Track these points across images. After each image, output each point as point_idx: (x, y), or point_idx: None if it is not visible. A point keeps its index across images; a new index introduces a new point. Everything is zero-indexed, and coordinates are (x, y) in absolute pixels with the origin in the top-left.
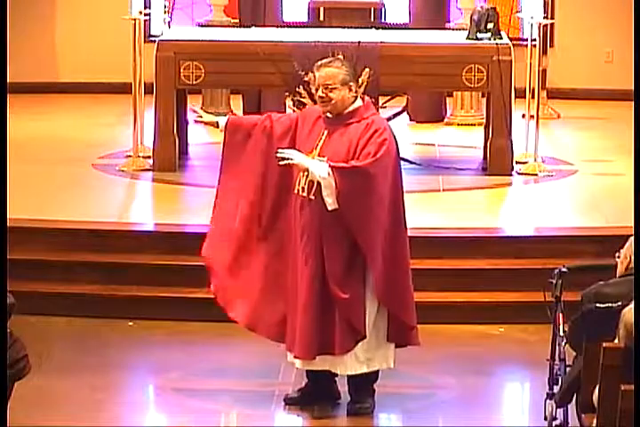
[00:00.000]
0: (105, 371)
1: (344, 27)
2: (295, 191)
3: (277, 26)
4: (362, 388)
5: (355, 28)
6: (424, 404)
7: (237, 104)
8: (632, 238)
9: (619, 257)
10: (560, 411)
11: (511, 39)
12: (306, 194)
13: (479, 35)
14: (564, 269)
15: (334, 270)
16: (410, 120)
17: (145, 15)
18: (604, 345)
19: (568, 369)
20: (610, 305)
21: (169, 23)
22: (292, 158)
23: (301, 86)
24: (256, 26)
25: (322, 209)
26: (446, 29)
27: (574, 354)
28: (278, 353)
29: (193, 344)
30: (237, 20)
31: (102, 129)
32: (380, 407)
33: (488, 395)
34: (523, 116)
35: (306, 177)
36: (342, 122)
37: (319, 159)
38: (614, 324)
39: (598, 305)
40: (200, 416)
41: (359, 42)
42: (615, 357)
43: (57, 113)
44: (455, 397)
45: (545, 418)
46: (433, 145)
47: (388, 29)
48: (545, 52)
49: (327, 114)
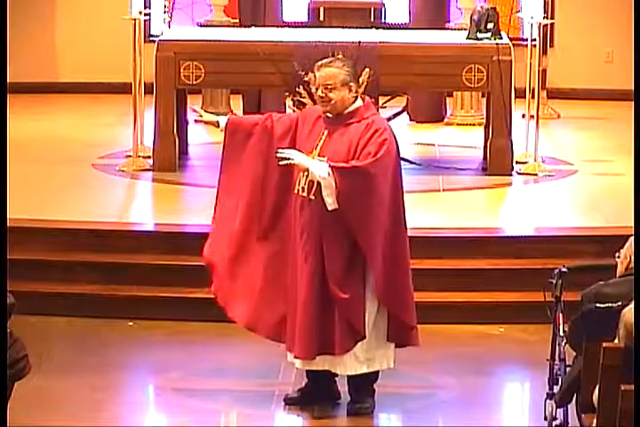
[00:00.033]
0: (105, 371)
1: (344, 27)
2: (295, 191)
3: (277, 26)
4: (362, 388)
5: (355, 28)
6: (424, 404)
7: (237, 104)
8: (632, 238)
9: (619, 257)
10: (560, 411)
11: (511, 39)
12: (306, 194)
13: (479, 35)
14: (564, 269)
15: (334, 270)
16: (410, 120)
17: (145, 15)
18: (604, 345)
19: (568, 369)
20: (610, 305)
21: (169, 23)
22: (292, 158)
23: (301, 86)
24: (256, 26)
25: (322, 209)
26: (446, 29)
27: (574, 354)
28: (278, 353)
29: (193, 344)
30: (237, 20)
31: (102, 129)
32: (380, 407)
33: (488, 395)
34: (523, 116)
35: (306, 177)
36: (342, 122)
37: (319, 159)
38: (614, 324)
39: (598, 305)
40: (200, 416)
41: (359, 42)
42: (615, 357)
43: (57, 113)
44: (455, 397)
45: (545, 418)
46: (433, 145)
47: (388, 29)
48: (545, 52)
49: (327, 114)
